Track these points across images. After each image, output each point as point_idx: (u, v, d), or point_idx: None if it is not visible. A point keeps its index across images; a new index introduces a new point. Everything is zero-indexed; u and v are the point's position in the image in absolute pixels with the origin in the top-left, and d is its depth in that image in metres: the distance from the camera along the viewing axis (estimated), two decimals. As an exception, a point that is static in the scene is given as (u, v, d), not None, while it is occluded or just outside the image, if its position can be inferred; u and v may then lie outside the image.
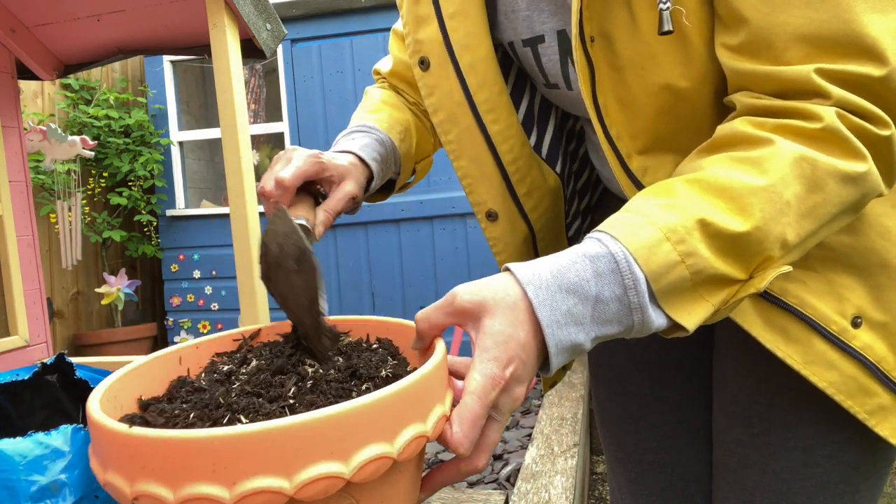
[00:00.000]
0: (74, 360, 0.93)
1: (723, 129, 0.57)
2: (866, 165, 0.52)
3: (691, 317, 0.52)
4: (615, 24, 0.59)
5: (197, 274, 3.71)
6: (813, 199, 0.52)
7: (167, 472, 0.36)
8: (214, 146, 4.19)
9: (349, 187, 0.73)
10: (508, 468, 2.03)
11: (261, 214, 1.50)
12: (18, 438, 0.49)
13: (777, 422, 0.69)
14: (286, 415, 0.43)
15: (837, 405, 0.63)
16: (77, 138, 2.35)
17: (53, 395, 0.90)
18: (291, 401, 0.45)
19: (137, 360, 0.51)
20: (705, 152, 0.57)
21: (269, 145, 4.12)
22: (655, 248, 0.49)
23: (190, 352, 0.55)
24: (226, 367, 0.53)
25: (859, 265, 0.61)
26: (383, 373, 0.51)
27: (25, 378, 0.87)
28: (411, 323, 0.55)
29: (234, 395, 0.46)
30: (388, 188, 0.88)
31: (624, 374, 0.88)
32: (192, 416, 0.44)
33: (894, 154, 0.54)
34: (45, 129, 2.27)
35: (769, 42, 0.54)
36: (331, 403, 0.41)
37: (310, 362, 0.51)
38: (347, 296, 3.50)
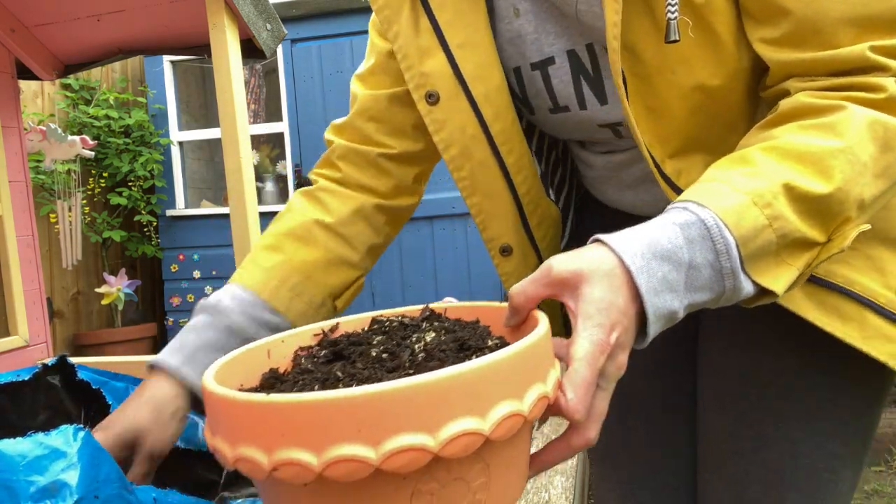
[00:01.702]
0: (75, 360, 0.93)
1: (786, 102, 0.57)
2: None
3: (778, 281, 0.52)
4: (638, 34, 0.60)
5: (197, 274, 3.71)
6: (886, 160, 0.53)
7: (310, 436, 0.35)
8: (214, 146, 4.19)
9: (146, 451, 0.65)
10: (508, 468, 2.04)
11: (261, 214, 1.50)
12: (18, 439, 0.49)
13: (768, 413, 0.70)
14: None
15: (824, 398, 0.66)
16: (77, 138, 2.35)
17: (55, 396, 0.90)
18: (412, 370, 0.44)
19: (229, 355, 0.49)
20: (771, 125, 0.57)
21: (269, 145, 4.12)
22: (744, 213, 0.50)
23: (277, 345, 0.54)
24: (322, 352, 0.51)
25: (893, 238, 0.62)
26: (490, 343, 0.49)
27: (26, 378, 0.87)
28: (495, 303, 0.54)
29: (349, 370, 0.45)
30: None
31: None
32: (316, 388, 0.42)
33: None
34: (45, 129, 2.27)
35: (816, 29, 0.55)
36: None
37: (416, 336, 0.50)
38: (347, 296, 3.51)
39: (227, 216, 3.65)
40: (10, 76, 1.66)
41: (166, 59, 3.72)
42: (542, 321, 0.47)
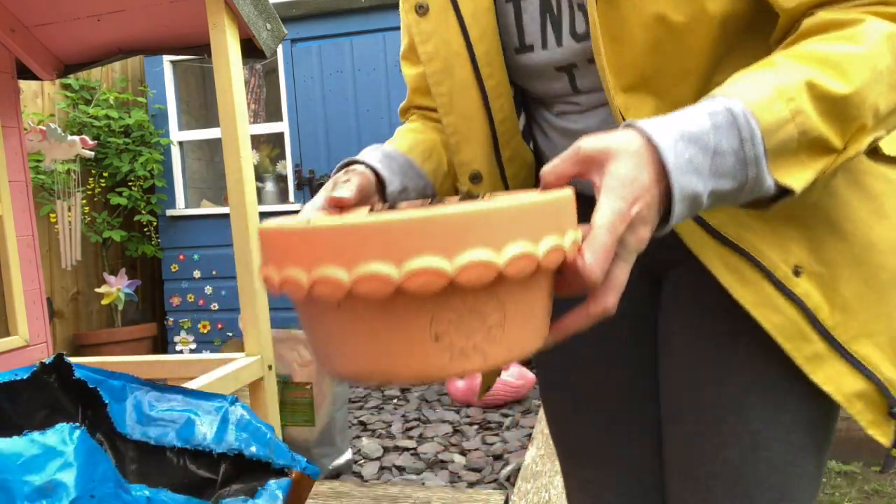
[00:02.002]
0: (73, 359, 0.93)
1: (807, 21, 0.59)
2: None
3: (796, 179, 0.54)
4: None
5: (197, 274, 3.71)
6: None
7: (342, 256, 0.40)
8: (214, 146, 4.19)
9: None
10: (508, 468, 2.03)
11: (261, 214, 1.50)
12: (14, 438, 0.49)
13: (728, 408, 0.71)
14: None
15: (784, 388, 0.68)
16: (77, 138, 2.35)
17: (53, 396, 0.89)
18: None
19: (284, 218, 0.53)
20: (793, 42, 0.59)
21: (269, 145, 4.12)
22: (769, 105, 0.52)
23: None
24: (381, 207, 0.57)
25: (803, 219, 0.65)
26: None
27: (24, 378, 0.87)
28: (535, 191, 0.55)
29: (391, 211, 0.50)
30: None
31: (568, 370, 0.87)
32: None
33: None
34: (45, 129, 2.27)
35: None
36: None
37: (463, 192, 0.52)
38: (347, 296, 3.51)
39: (227, 216, 3.65)
40: (10, 76, 1.66)
41: (166, 59, 3.72)
42: (569, 189, 0.50)
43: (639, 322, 0.79)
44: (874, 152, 0.67)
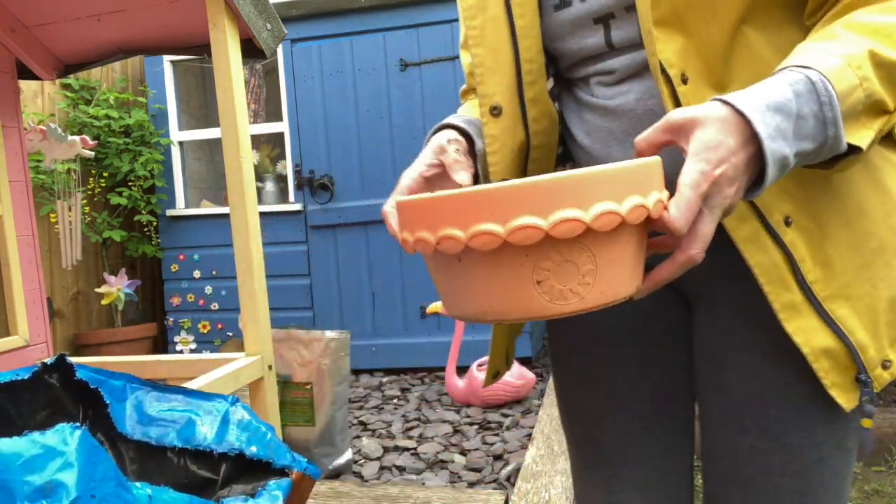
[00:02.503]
0: (74, 359, 0.93)
1: None
2: None
3: (862, 139, 0.60)
4: None
5: (197, 274, 3.71)
6: None
7: (460, 219, 0.51)
8: (214, 146, 4.19)
9: (460, 177, 0.76)
10: (508, 468, 2.03)
11: (261, 214, 1.50)
12: (14, 438, 0.48)
13: (792, 425, 0.73)
14: None
15: (842, 409, 0.69)
16: (77, 138, 2.35)
17: (54, 396, 0.89)
18: None
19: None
20: (840, 13, 0.64)
21: (269, 145, 4.12)
22: (841, 72, 0.58)
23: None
24: None
25: (802, 173, 0.68)
26: None
27: (25, 378, 0.87)
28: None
29: None
30: None
31: (599, 369, 0.87)
32: None
33: None
34: (45, 128, 2.27)
35: None
36: None
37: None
38: (347, 296, 3.50)
39: (227, 216, 3.66)
40: (10, 76, 1.66)
41: (166, 59, 3.72)
42: (657, 157, 0.57)
43: (673, 327, 0.81)
44: (886, 136, 0.70)
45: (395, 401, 2.93)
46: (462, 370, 3.06)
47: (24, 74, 1.73)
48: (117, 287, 3.45)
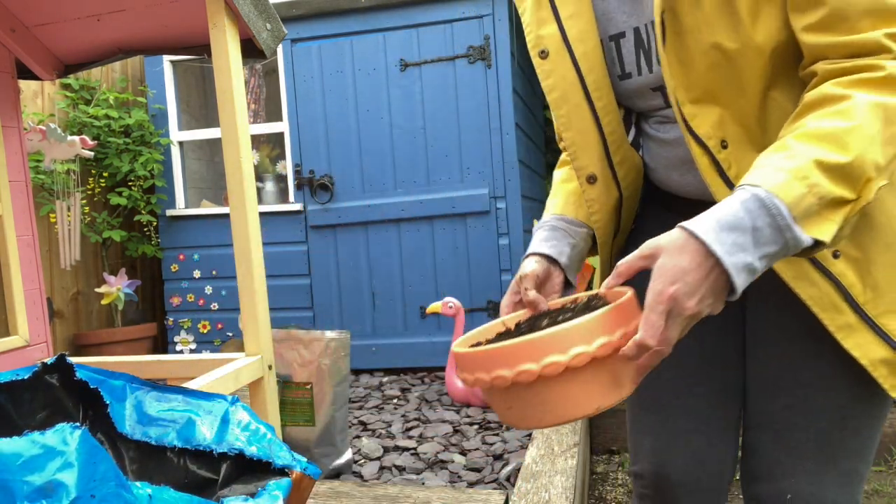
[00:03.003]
0: (74, 360, 0.93)
1: (810, 95, 0.76)
2: None
3: (824, 233, 0.70)
4: (680, 2, 0.82)
5: (197, 274, 3.71)
6: (890, 131, 0.71)
7: (507, 363, 0.71)
8: (214, 146, 4.19)
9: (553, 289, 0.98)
10: (508, 468, 2.03)
11: (261, 214, 1.50)
12: (14, 438, 0.48)
13: (819, 389, 0.90)
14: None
15: (869, 374, 0.83)
16: (77, 138, 2.35)
17: (54, 396, 0.89)
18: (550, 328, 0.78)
19: (472, 332, 0.92)
20: (800, 115, 0.76)
21: (269, 145, 4.12)
22: (787, 185, 0.69)
23: (497, 326, 0.94)
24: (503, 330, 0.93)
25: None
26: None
27: (25, 378, 0.87)
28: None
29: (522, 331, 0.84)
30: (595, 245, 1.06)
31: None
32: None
33: None
34: (44, 128, 2.27)
35: (844, 17, 0.74)
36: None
37: (561, 316, 0.83)
38: (347, 295, 3.50)
39: (227, 216, 3.65)
40: (10, 76, 1.66)
41: (166, 59, 3.72)
42: (627, 293, 0.75)
43: (728, 307, 0.98)
44: None
45: (395, 401, 2.93)
46: (462, 370, 3.05)
47: (24, 74, 1.72)
48: (117, 287, 3.45)
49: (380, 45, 3.38)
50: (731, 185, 0.85)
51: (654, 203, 1.06)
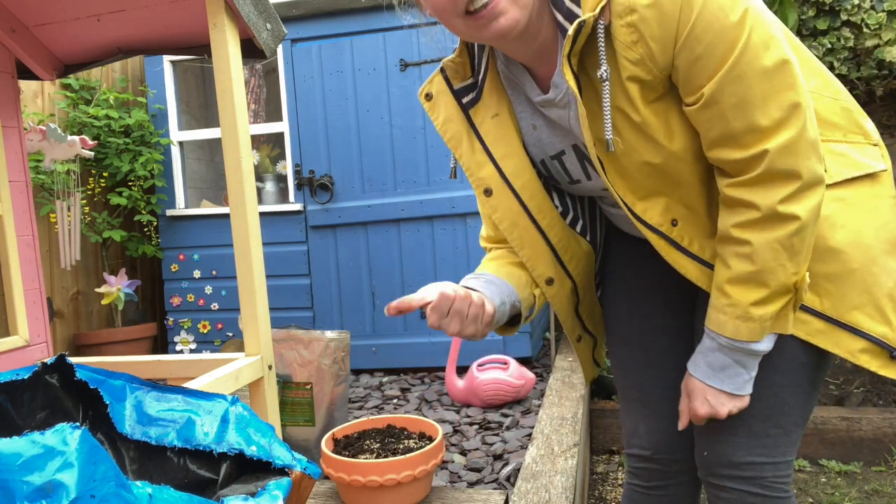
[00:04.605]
0: (74, 360, 0.93)
1: (721, 231, 0.99)
2: (798, 218, 0.92)
3: (786, 328, 1.00)
4: (602, 138, 0.98)
5: (197, 274, 3.71)
6: (785, 254, 0.94)
7: (348, 472, 1.43)
8: (214, 146, 4.19)
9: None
10: (508, 468, 2.03)
11: (261, 214, 1.50)
12: (14, 438, 0.48)
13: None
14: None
15: (783, 341, 1.03)
16: (77, 138, 2.34)
17: (54, 396, 0.89)
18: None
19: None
20: (720, 245, 1.01)
21: (269, 145, 4.12)
22: (738, 327, 0.98)
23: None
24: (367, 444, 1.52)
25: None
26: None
27: (25, 378, 0.87)
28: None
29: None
30: (515, 321, 1.17)
31: (634, 332, 1.29)
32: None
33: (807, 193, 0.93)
34: (44, 129, 2.27)
35: (732, 137, 0.93)
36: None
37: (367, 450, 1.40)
38: (347, 295, 3.50)
39: (227, 216, 3.65)
40: (10, 76, 1.66)
41: (166, 59, 3.71)
42: (438, 436, 1.46)
43: (685, 313, 1.25)
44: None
45: (395, 401, 2.93)
46: (462, 370, 3.06)
47: (24, 74, 1.72)
48: (117, 287, 3.45)
49: (380, 45, 3.38)
50: (687, 254, 1.04)
51: (617, 239, 1.29)
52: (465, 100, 1.10)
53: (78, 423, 0.52)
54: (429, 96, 1.13)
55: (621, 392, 1.33)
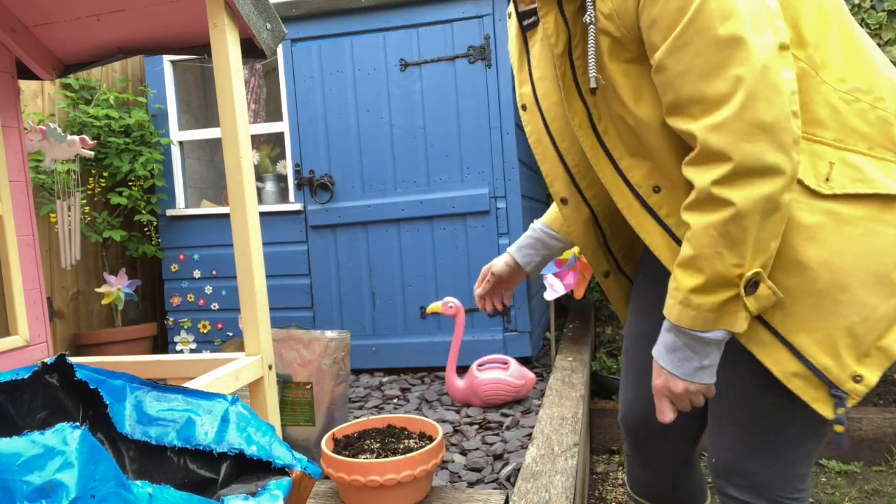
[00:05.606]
0: (74, 359, 0.93)
1: (684, 211, 0.96)
2: (733, 204, 0.88)
3: (734, 325, 0.94)
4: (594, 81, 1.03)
5: (197, 274, 3.71)
6: (722, 241, 0.89)
7: (348, 471, 1.50)
8: (214, 146, 4.18)
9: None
10: (508, 468, 2.03)
11: (261, 214, 1.50)
12: (14, 438, 0.48)
13: (735, 380, 1.07)
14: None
15: (747, 360, 1.01)
16: (77, 138, 2.34)
17: (53, 395, 0.89)
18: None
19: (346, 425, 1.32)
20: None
21: (269, 145, 4.12)
22: (680, 313, 0.96)
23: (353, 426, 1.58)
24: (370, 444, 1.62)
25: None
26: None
27: (25, 378, 0.87)
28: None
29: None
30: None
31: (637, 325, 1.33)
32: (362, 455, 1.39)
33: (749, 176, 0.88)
34: (44, 128, 2.27)
35: (680, 106, 0.92)
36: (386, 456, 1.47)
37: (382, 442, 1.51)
38: (347, 295, 3.50)
39: (227, 216, 3.65)
40: (10, 76, 1.66)
41: (166, 59, 3.71)
42: (438, 436, 1.54)
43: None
44: (814, 193, 0.93)
45: (395, 401, 2.93)
46: (462, 370, 3.05)
47: (24, 74, 1.72)
48: (117, 287, 3.44)
49: (380, 45, 3.38)
50: (660, 223, 1.03)
51: None
52: (526, 22, 1.18)
53: (78, 423, 0.52)
54: (510, 15, 1.24)
55: (624, 373, 1.38)
